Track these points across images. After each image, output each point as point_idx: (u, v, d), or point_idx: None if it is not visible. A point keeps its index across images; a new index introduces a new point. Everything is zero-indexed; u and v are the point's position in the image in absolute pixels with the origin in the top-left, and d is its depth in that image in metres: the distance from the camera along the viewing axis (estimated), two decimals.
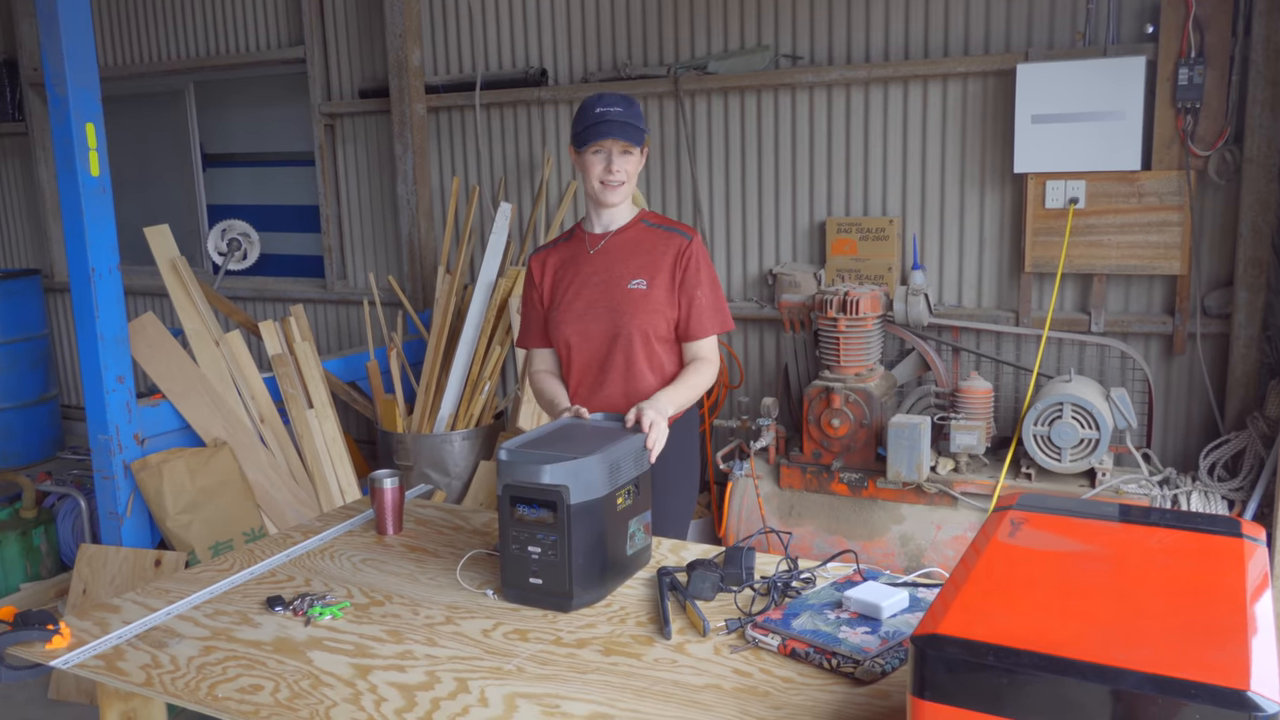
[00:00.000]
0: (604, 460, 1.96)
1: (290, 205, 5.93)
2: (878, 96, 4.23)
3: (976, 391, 3.66)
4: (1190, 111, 3.67)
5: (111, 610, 2.04)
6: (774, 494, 3.93)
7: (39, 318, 5.94)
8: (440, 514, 2.57)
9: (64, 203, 3.61)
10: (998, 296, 4.17)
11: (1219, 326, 3.80)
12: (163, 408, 3.97)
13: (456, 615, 1.95)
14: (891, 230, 4.22)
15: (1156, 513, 1.54)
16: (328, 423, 4.31)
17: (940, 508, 3.66)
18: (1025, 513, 1.54)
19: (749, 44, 4.47)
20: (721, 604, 1.94)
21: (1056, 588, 1.33)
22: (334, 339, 5.76)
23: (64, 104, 3.51)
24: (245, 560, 2.28)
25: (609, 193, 2.44)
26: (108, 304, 3.67)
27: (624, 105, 2.41)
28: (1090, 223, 3.87)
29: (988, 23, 4.03)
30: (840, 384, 3.75)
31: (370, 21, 5.31)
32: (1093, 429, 3.46)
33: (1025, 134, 3.84)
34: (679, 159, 4.65)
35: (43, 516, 4.37)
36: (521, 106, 4.99)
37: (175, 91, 6.12)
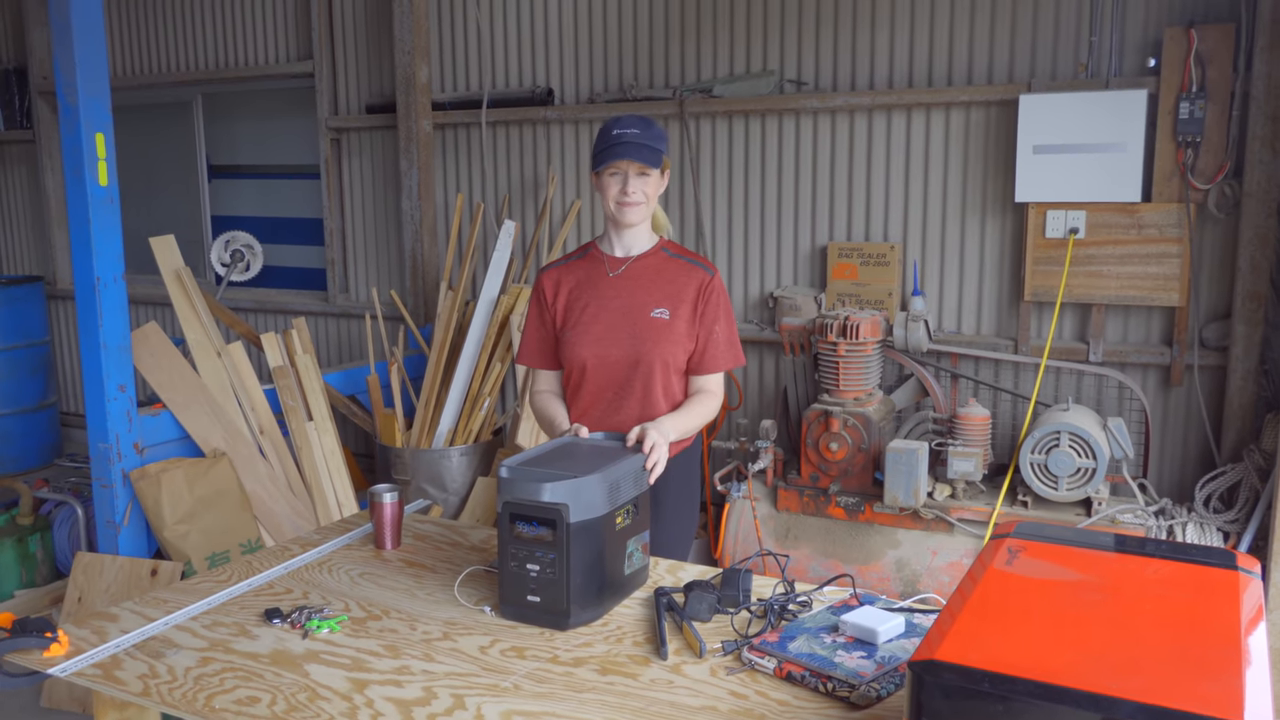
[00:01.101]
0: (604, 479, 1.97)
1: (294, 218, 5.96)
2: (881, 123, 4.27)
3: (974, 418, 3.67)
4: (1191, 145, 3.70)
5: (109, 619, 2.05)
6: (771, 516, 3.93)
7: (41, 324, 5.96)
8: (438, 529, 2.58)
9: (71, 211, 3.63)
10: (997, 324, 4.19)
11: (1216, 359, 3.82)
12: (163, 417, 3.98)
13: (454, 631, 1.96)
14: (892, 256, 4.24)
15: (1152, 543, 1.56)
16: (327, 436, 4.32)
17: (936, 534, 3.66)
18: (1022, 541, 1.55)
19: (754, 68, 4.51)
20: (718, 625, 1.95)
21: (1053, 616, 1.34)
22: (334, 352, 5.77)
23: (74, 113, 3.54)
24: (243, 572, 2.29)
25: (625, 212, 2.44)
26: (112, 313, 3.68)
27: (642, 127, 2.41)
28: (1090, 253, 3.90)
29: (991, 53, 4.07)
30: (839, 408, 3.77)
31: (379, 38, 5.35)
32: (1090, 458, 3.47)
33: (1027, 164, 3.87)
34: (683, 180, 4.68)
35: (39, 523, 4.36)
36: (527, 125, 5.03)
37: (183, 103, 6.16)
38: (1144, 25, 3.83)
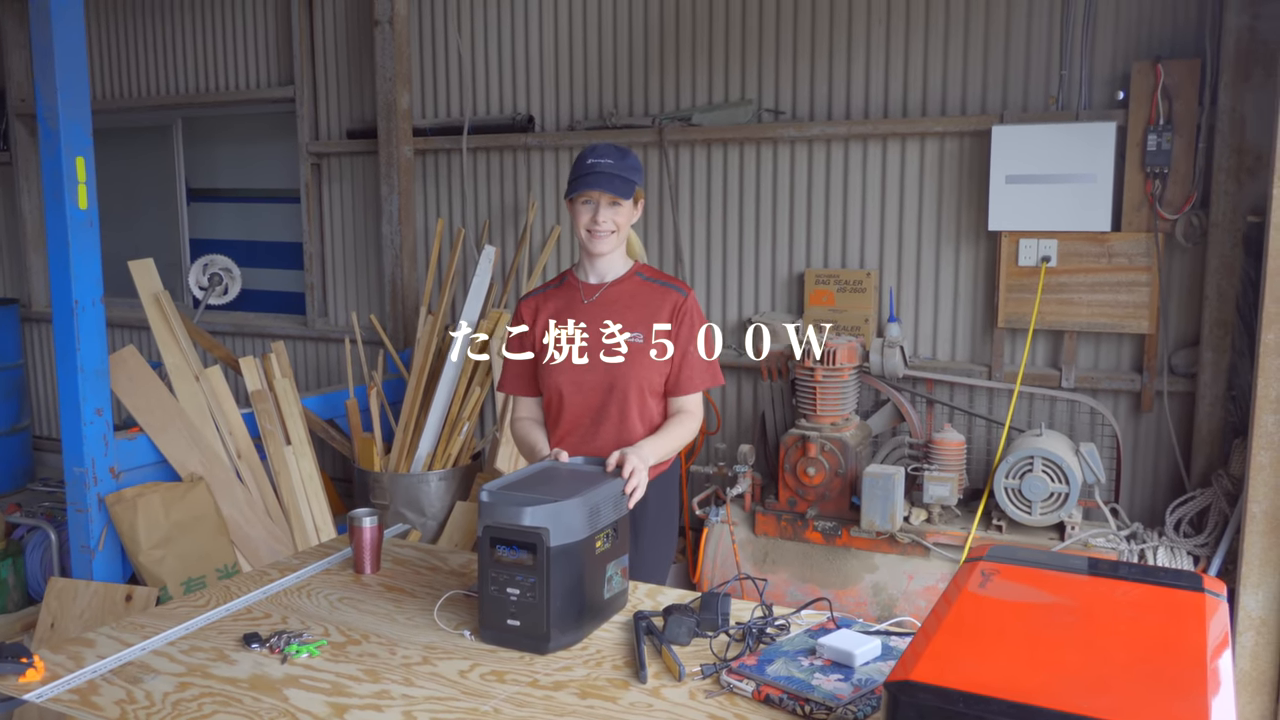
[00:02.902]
0: (584, 504, 1.99)
1: (273, 241, 5.96)
2: (857, 153, 4.33)
3: (949, 444, 3.71)
4: (1159, 176, 3.78)
5: (86, 644, 2.03)
6: (749, 540, 3.95)
7: (15, 347, 5.91)
8: (418, 554, 2.58)
9: (50, 234, 3.62)
10: (971, 351, 4.25)
11: (1185, 385, 3.89)
12: (139, 441, 3.96)
13: (434, 655, 1.96)
14: (869, 283, 4.30)
15: (1123, 567, 1.59)
16: (305, 460, 4.31)
17: (913, 558, 3.70)
18: (996, 564, 1.58)
19: (733, 97, 4.57)
20: (697, 649, 1.96)
21: (1025, 638, 1.37)
22: (313, 376, 5.76)
23: (55, 137, 3.54)
24: (221, 596, 2.28)
25: (595, 241, 2.49)
26: (89, 336, 3.67)
27: (616, 157, 2.46)
28: (1062, 281, 3.97)
29: (964, 85, 4.15)
30: (816, 433, 3.80)
31: (360, 64, 5.38)
32: (1063, 483, 3.52)
33: (999, 193, 3.94)
34: (661, 208, 4.73)
35: (11, 548, 4.32)
36: (508, 152, 5.06)
37: (163, 126, 6.16)
38: (1112, 59, 3.92)
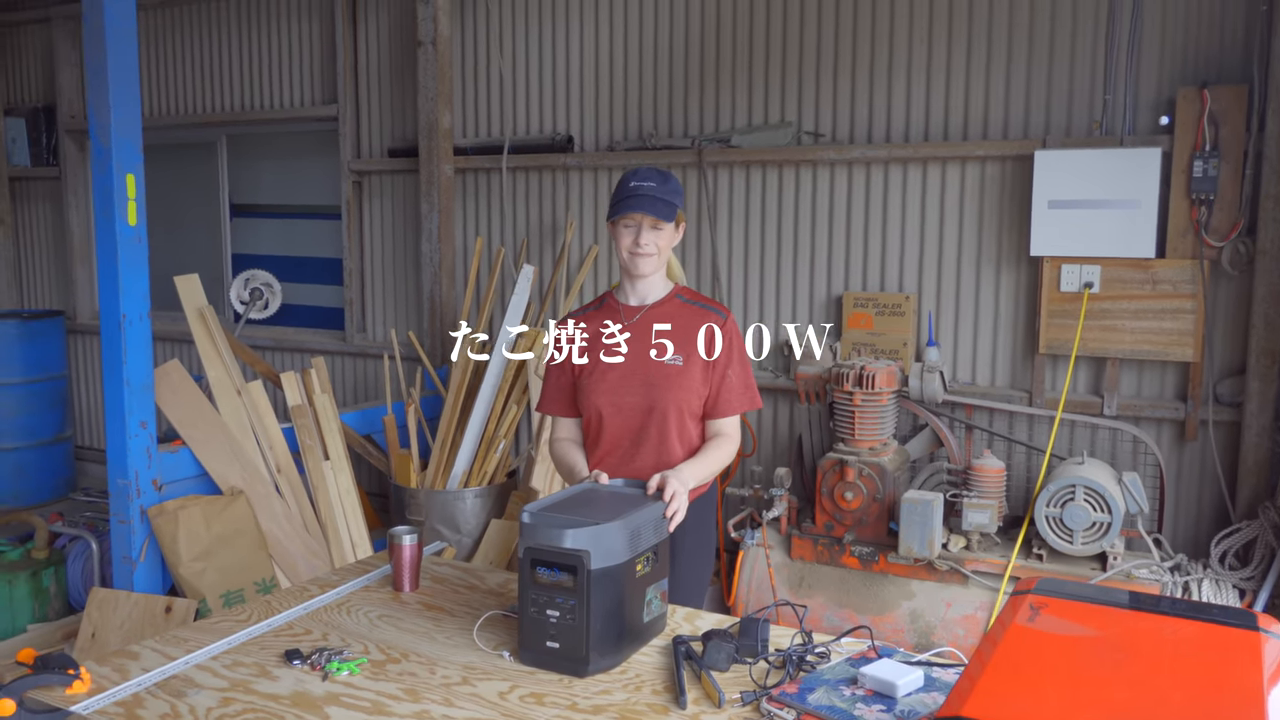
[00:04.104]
0: (625, 527, 1.99)
1: (314, 257, 6.03)
2: (897, 176, 4.32)
3: (989, 470, 3.68)
4: (1205, 203, 3.74)
5: (130, 657, 2.06)
6: (785, 564, 3.93)
7: (60, 358, 6.02)
8: (456, 572, 2.59)
9: (100, 250, 3.69)
10: (1011, 376, 4.21)
11: (1231, 414, 3.83)
12: (182, 454, 4.01)
13: (473, 676, 1.97)
14: (908, 306, 4.28)
15: (1175, 603, 1.56)
16: (343, 475, 4.34)
17: (951, 585, 3.66)
18: (1044, 598, 1.56)
19: (772, 119, 4.58)
20: (736, 675, 1.95)
21: (1077, 675, 1.35)
22: (351, 391, 5.81)
23: (106, 154, 3.61)
24: (263, 612, 2.30)
25: (638, 262, 2.49)
26: (136, 350, 3.72)
27: (658, 180, 2.47)
28: (1104, 307, 3.93)
29: (1007, 109, 4.13)
30: (854, 457, 3.78)
31: (403, 84, 5.45)
32: (1105, 512, 3.47)
33: (1042, 218, 3.91)
34: (700, 229, 4.74)
35: (54, 558, 4.38)
36: (547, 171, 5.10)
37: (208, 143, 6.26)
38: (1157, 85, 3.89)
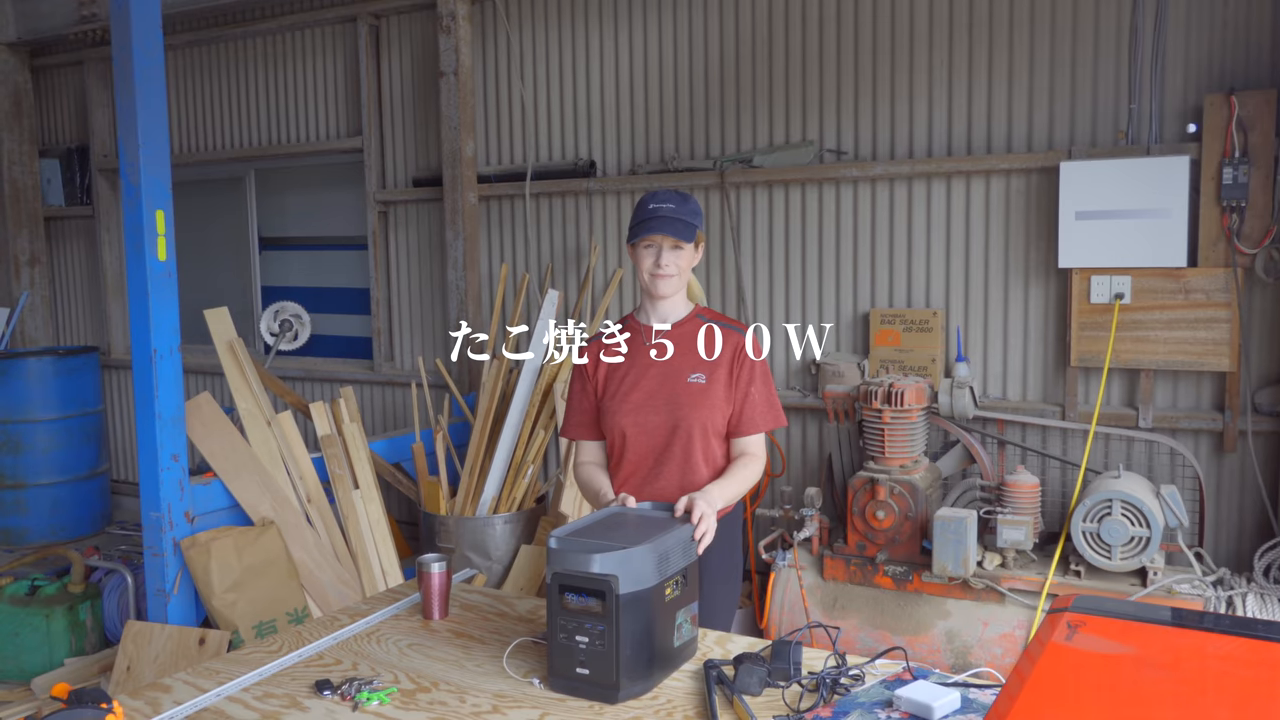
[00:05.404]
0: (653, 550, 1.97)
1: (341, 288, 6.09)
2: (921, 191, 4.30)
3: (1023, 486, 3.62)
4: (1236, 210, 3.69)
5: (163, 690, 2.06)
6: (817, 585, 3.88)
7: (95, 393, 6.09)
8: (485, 600, 2.58)
9: (131, 285, 3.74)
10: (1043, 390, 4.16)
11: (1271, 424, 3.76)
12: (213, 486, 4.04)
13: (503, 704, 1.95)
14: (935, 322, 4.24)
15: (1219, 619, 1.52)
16: (373, 504, 4.35)
17: (987, 604, 3.60)
18: (1082, 615, 1.52)
19: (794, 139, 4.58)
20: (769, 699, 1.92)
21: (1117, 695, 1.31)
22: (379, 420, 5.84)
23: (137, 192, 3.67)
24: (293, 642, 2.30)
25: (658, 284, 2.50)
26: (167, 384, 3.76)
27: (677, 202, 2.48)
28: (1137, 318, 3.87)
29: (1030, 121, 4.10)
30: (885, 475, 3.74)
31: (426, 114, 5.51)
32: (1143, 527, 3.41)
33: (1069, 230, 3.87)
34: (723, 249, 4.73)
35: (90, 591, 4.42)
36: (570, 197, 5.12)
37: (236, 178, 6.35)
38: (1183, 92, 3.85)
